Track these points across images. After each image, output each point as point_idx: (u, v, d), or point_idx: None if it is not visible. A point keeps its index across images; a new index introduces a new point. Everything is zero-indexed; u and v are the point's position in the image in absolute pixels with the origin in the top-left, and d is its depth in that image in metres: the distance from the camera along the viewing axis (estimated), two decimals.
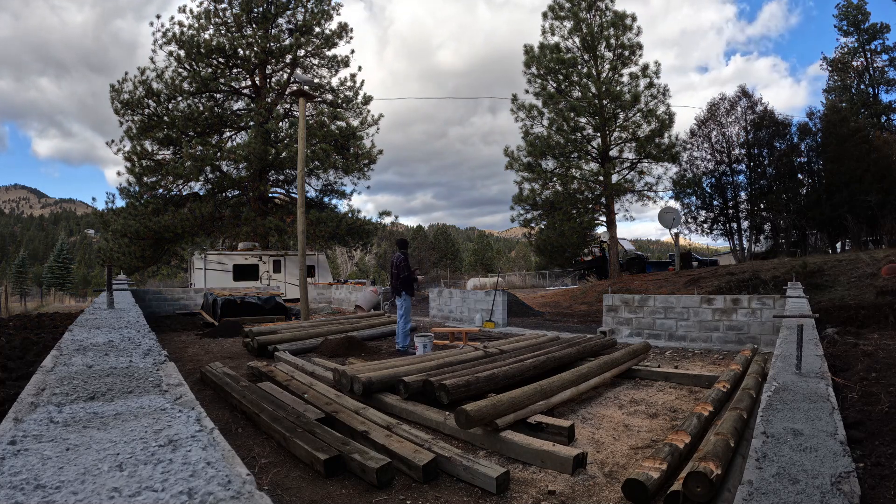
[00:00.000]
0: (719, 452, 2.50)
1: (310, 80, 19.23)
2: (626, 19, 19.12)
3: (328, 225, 19.43)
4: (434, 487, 2.76)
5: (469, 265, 62.90)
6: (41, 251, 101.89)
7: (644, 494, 2.47)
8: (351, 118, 20.80)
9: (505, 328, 10.36)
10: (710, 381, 4.88)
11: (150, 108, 18.26)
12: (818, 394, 2.22)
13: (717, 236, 29.12)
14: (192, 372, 5.78)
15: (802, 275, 11.66)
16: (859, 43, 30.77)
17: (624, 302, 8.67)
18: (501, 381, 4.39)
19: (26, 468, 1.06)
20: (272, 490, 2.71)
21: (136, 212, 18.15)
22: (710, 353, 7.18)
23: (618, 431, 3.71)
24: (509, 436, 3.27)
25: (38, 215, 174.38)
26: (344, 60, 21.22)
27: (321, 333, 8.25)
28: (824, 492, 1.28)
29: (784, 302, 6.83)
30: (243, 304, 10.93)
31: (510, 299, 12.63)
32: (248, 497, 0.95)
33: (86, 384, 1.82)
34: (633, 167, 20.01)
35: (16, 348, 4.96)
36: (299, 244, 10.80)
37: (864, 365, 3.44)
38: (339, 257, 28.54)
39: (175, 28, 18.52)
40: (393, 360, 5.62)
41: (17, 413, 1.46)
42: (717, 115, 28.14)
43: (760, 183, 26.81)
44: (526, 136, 20.00)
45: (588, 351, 6.10)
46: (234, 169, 19.57)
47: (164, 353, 2.48)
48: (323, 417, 3.71)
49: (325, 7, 20.50)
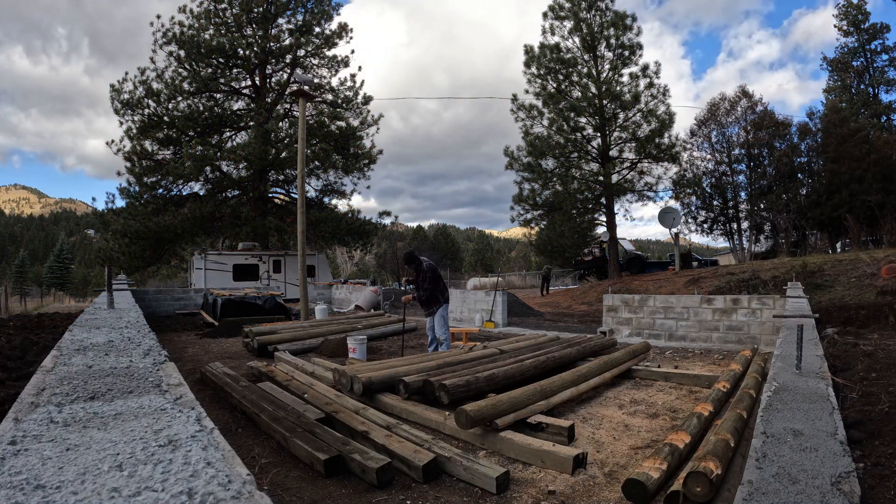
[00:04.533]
0: (719, 452, 2.49)
1: (310, 80, 19.20)
2: (626, 19, 19.12)
3: (328, 225, 19.43)
4: (434, 487, 2.76)
5: (469, 265, 62.90)
6: (41, 251, 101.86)
7: (644, 494, 2.47)
8: (351, 118, 20.80)
9: (505, 328, 10.35)
10: (710, 381, 4.88)
11: (150, 108, 18.26)
12: (818, 394, 2.22)
13: (717, 236, 29.16)
14: (192, 372, 5.78)
15: (802, 275, 11.66)
16: (859, 43, 30.78)
17: (624, 302, 8.66)
18: (501, 381, 4.39)
19: (26, 468, 1.06)
20: (272, 490, 2.71)
21: (136, 212, 18.15)
22: (710, 353, 7.17)
23: (618, 431, 3.71)
24: (509, 436, 3.26)
25: (38, 215, 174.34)
26: (344, 60, 21.23)
27: (321, 333, 8.25)
28: (824, 492, 1.28)
29: (784, 302, 6.83)
30: (243, 304, 10.93)
31: (510, 299, 12.63)
32: (248, 497, 0.95)
33: (86, 384, 1.82)
34: (633, 167, 20.02)
35: (16, 348, 4.96)
36: (299, 244, 10.79)
37: (864, 365, 3.44)
38: (339, 257, 28.56)
39: (175, 28, 18.52)
40: (393, 360, 5.62)
41: (17, 413, 1.46)
42: (717, 115, 28.16)
43: (760, 183, 26.83)
44: (526, 136, 20.01)
45: (588, 351, 6.10)
46: (234, 169, 19.58)
47: (164, 353, 2.48)
48: (323, 417, 3.71)
49: (325, 7, 20.51)
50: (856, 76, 31.17)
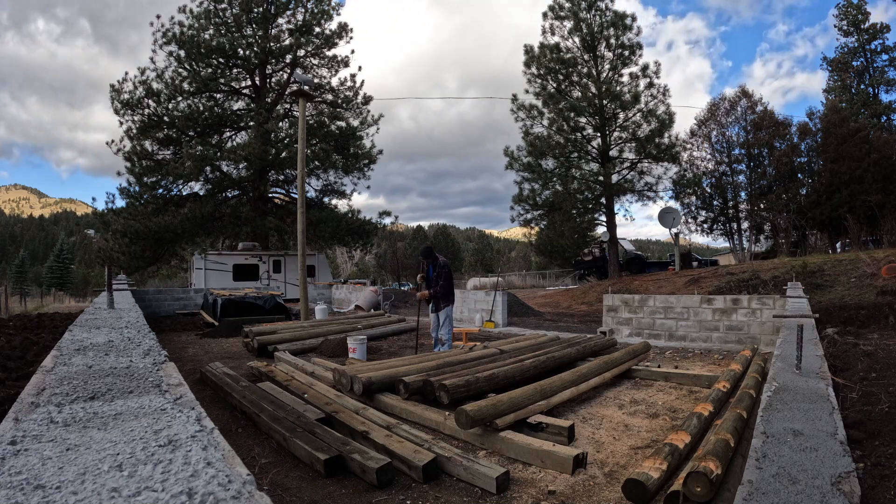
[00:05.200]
0: (719, 452, 2.49)
1: (310, 80, 19.21)
2: (626, 19, 19.13)
3: (328, 225, 19.43)
4: (434, 487, 2.76)
5: (469, 265, 62.92)
6: (41, 251, 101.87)
7: (644, 494, 2.47)
8: (351, 118, 20.82)
9: (505, 328, 10.35)
10: (710, 381, 4.88)
11: (150, 108, 18.27)
12: (818, 394, 2.22)
13: (717, 236, 29.17)
14: (192, 372, 5.78)
15: (802, 275, 11.67)
16: (859, 43, 30.78)
17: (624, 302, 8.66)
18: (501, 381, 4.39)
19: (26, 468, 1.06)
20: (272, 490, 2.71)
21: (136, 212, 18.16)
22: (710, 353, 7.17)
23: (618, 431, 3.70)
24: (509, 436, 3.26)
25: (38, 215, 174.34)
26: (344, 60, 21.24)
27: (321, 333, 8.25)
28: (824, 492, 1.28)
29: (784, 302, 6.84)
30: (243, 304, 10.93)
31: (510, 299, 12.64)
32: (248, 497, 0.95)
33: (86, 384, 1.82)
34: (633, 167, 20.02)
35: (16, 348, 4.96)
36: (299, 244, 10.79)
37: (864, 365, 3.44)
38: (339, 257, 28.56)
39: (175, 28, 18.53)
40: (393, 360, 5.62)
41: (17, 413, 1.46)
42: (717, 115, 28.17)
43: (760, 183, 26.84)
44: (526, 136, 20.01)
45: (588, 351, 6.10)
46: (234, 169, 19.58)
47: (164, 353, 2.48)
48: (323, 417, 3.70)
49: (325, 7, 20.51)
50: (856, 76, 31.17)
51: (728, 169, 28.10)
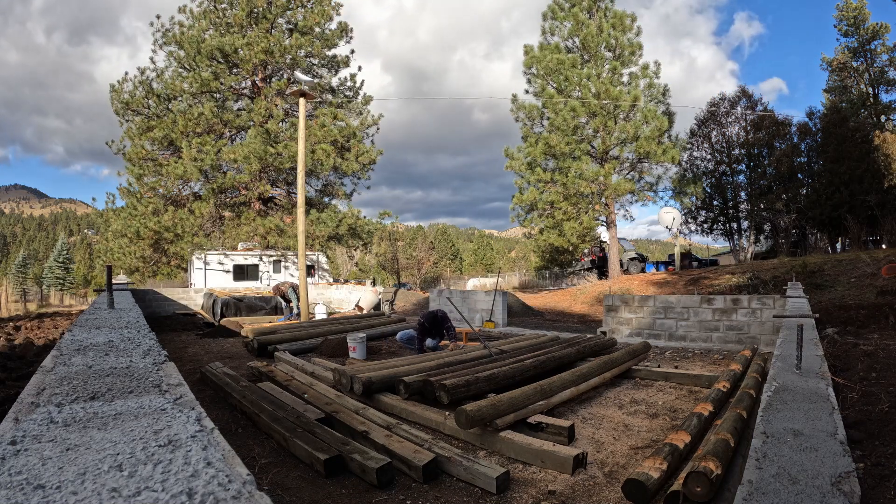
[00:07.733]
0: (719, 452, 2.49)
1: (310, 80, 19.23)
2: (626, 19, 19.12)
3: (329, 225, 19.42)
4: (434, 487, 2.76)
5: (469, 265, 62.91)
6: (41, 251, 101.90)
7: (644, 494, 2.47)
8: (351, 118, 20.80)
9: (505, 328, 10.35)
10: (710, 381, 4.88)
11: (151, 109, 18.27)
12: (818, 394, 2.22)
13: (717, 236, 29.15)
14: (192, 372, 5.78)
15: (802, 275, 11.67)
16: (859, 43, 30.77)
17: (624, 302, 8.66)
18: (501, 381, 4.39)
19: (26, 468, 1.06)
20: (272, 490, 2.71)
21: (136, 212, 18.16)
22: (710, 353, 7.17)
23: (618, 431, 3.70)
24: (509, 436, 3.26)
25: (38, 215, 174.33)
26: (344, 60, 21.23)
27: (321, 333, 8.25)
28: (824, 492, 1.28)
29: (784, 302, 6.83)
30: (243, 303, 10.93)
31: (510, 300, 12.64)
32: (249, 497, 0.95)
33: (86, 384, 1.82)
34: (633, 167, 20.01)
35: (16, 348, 4.96)
36: (299, 244, 10.80)
37: (864, 365, 3.44)
38: (339, 257, 28.59)
39: (175, 28, 18.54)
40: (393, 360, 5.62)
41: (17, 413, 1.46)
42: (717, 115, 28.14)
43: (760, 183, 26.82)
44: (526, 137, 20.00)
45: (588, 351, 6.10)
46: (234, 169, 19.57)
47: (164, 353, 2.48)
48: (323, 417, 3.71)
49: (325, 7, 20.51)
50: (856, 76, 31.16)
51: (728, 169, 28.09)
